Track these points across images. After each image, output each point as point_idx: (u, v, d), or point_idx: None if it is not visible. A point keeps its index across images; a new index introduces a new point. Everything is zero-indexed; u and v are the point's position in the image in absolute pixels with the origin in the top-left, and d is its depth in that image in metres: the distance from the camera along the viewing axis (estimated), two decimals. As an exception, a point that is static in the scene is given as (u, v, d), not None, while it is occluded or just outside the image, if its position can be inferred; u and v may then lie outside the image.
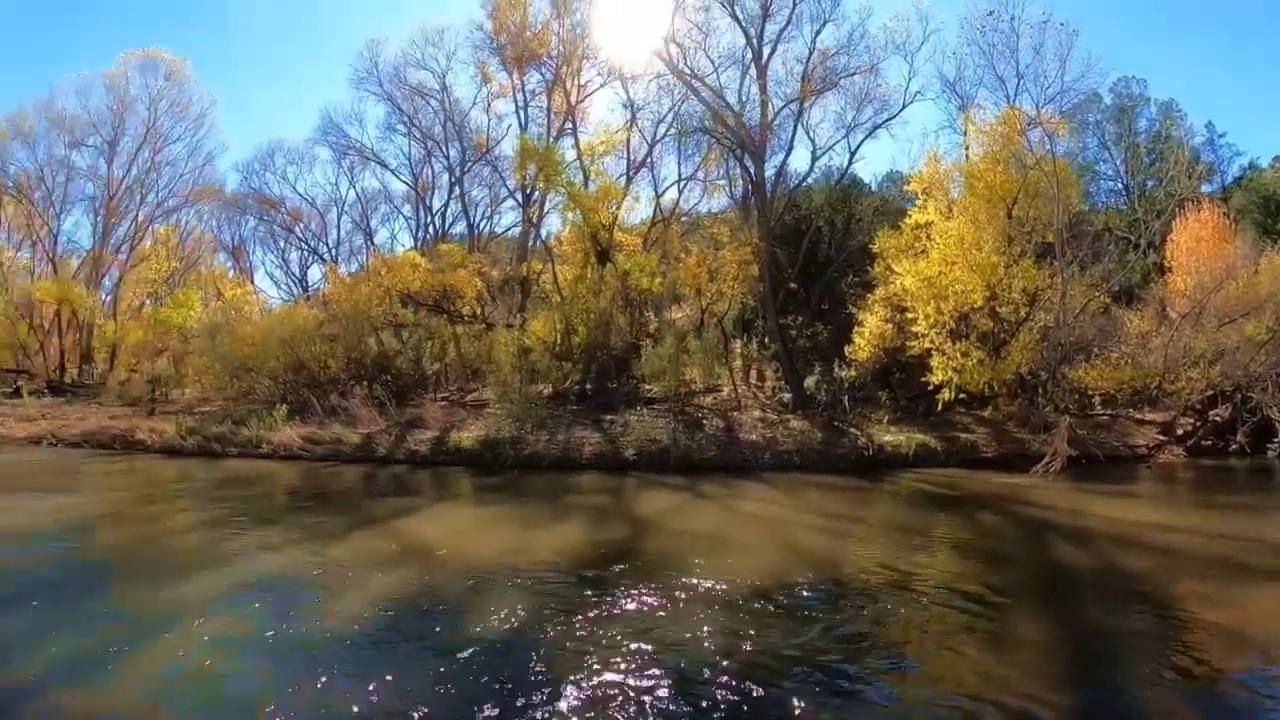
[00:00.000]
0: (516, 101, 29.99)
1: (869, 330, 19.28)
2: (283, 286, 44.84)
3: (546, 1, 28.04)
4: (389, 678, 5.42)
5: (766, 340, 22.48)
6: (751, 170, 23.69)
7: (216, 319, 28.23)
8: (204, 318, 29.73)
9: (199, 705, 5.25)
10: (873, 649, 6.16)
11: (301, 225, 42.61)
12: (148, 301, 37.80)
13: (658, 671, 5.53)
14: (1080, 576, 8.54)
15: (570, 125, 28.55)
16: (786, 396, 20.70)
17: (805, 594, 7.50)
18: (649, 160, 28.19)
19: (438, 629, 6.59)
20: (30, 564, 9.21)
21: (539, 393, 21.23)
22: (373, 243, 41.72)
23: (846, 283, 22.97)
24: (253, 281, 41.98)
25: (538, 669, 5.60)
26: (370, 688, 5.25)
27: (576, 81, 29.14)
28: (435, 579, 8.15)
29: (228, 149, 53.69)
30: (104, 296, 37.76)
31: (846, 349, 19.60)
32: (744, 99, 24.09)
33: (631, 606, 7.08)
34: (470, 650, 5.97)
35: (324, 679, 5.42)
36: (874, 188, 29.23)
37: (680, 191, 28.96)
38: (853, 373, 19.39)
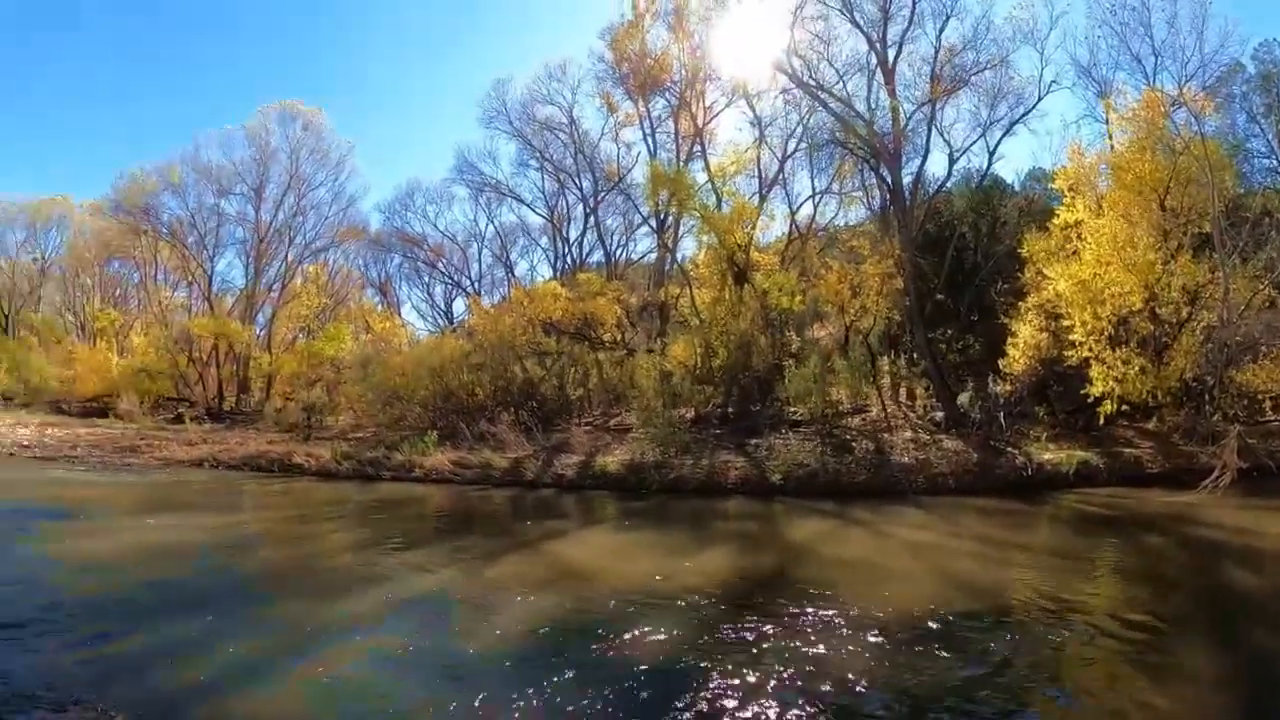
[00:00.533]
0: (643, 129, 31.13)
1: (1023, 341, 19.02)
2: (429, 319, 48.28)
3: (665, 27, 28.85)
4: (541, 699, 5.71)
5: (915, 356, 22.20)
6: (888, 179, 23.58)
7: (368, 351, 31.20)
8: (355, 350, 32.78)
9: (360, 718, 5.78)
10: (1032, 680, 6.17)
11: (444, 260, 45.86)
12: (300, 335, 41.89)
13: (811, 702, 5.64)
14: (1253, 603, 8.39)
15: (699, 148, 29.45)
16: (939, 415, 20.52)
17: (962, 623, 7.44)
18: (781, 176, 28.87)
19: (589, 652, 6.78)
20: (199, 577, 10.02)
21: (681, 416, 21.87)
22: (513, 274, 44.25)
23: (996, 291, 22.49)
24: (400, 315, 45.55)
25: (687, 697, 5.76)
26: (522, 708, 5.58)
27: (701, 104, 30.00)
28: (585, 602, 8.46)
29: (369, 191, 58.82)
30: (259, 331, 42.20)
31: (1000, 362, 19.34)
32: (873, 106, 24.21)
33: (782, 635, 7.12)
34: (620, 675, 6.20)
35: (479, 698, 5.78)
36: (1017, 188, 28.53)
37: (815, 206, 29.39)
38: (1007, 387, 19.08)
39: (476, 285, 45.24)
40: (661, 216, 30.01)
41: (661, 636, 7.12)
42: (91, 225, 49.91)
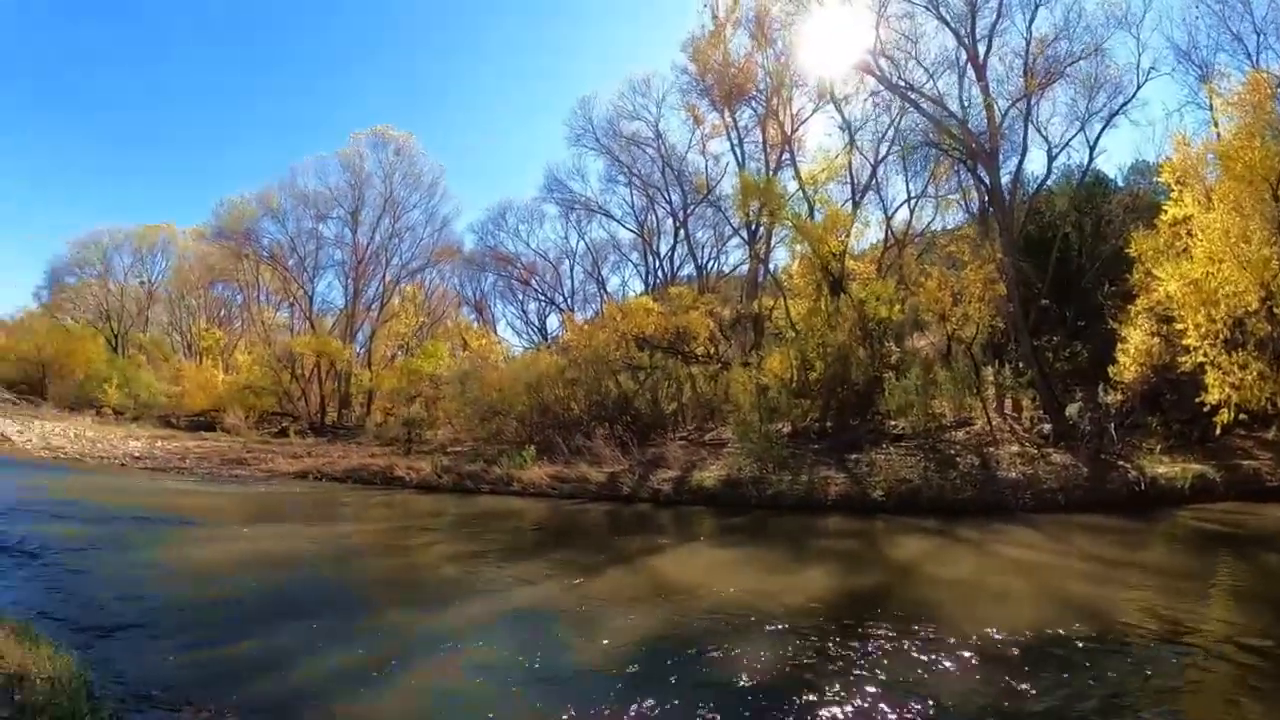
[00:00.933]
0: (731, 139, 31.48)
1: (1133, 347, 18.42)
2: (523, 335, 50.11)
3: (746, 35, 29.06)
4: (643, 716, 5.88)
5: (1020, 366, 21.58)
6: (986, 180, 23.19)
7: (465, 367, 32.34)
8: (453, 366, 34.13)
9: (465, 726, 6.06)
10: (1145, 707, 6.11)
11: (537, 278, 47.62)
12: (399, 352, 44.14)
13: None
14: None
15: (788, 156, 29.55)
16: (1046, 428, 20.01)
17: (1072, 646, 7.37)
18: (874, 182, 28.94)
19: (690, 669, 6.96)
20: (306, 585, 10.60)
21: (778, 431, 22.03)
22: (605, 290, 45.91)
23: (1103, 294, 21.82)
24: (495, 332, 47.13)
25: (790, 719, 5.87)
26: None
27: (788, 111, 30.12)
28: (685, 618, 8.62)
29: (461, 213, 61.68)
30: (359, 348, 44.70)
31: (1110, 370, 18.76)
32: (966, 104, 24.00)
33: (885, 657, 7.16)
34: (722, 693, 6.36)
35: (583, 712, 5.97)
36: (1121, 183, 27.66)
37: (911, 211, 29.35)
38: (1118, 396, 18.61)
39: (569, 301, 46.94)
40: (753, 227, 30.24)
41: (763, 655, 7.22)
42: (195, 250, 54.49)
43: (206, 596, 9.67)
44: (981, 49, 22.87)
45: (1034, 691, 6.33)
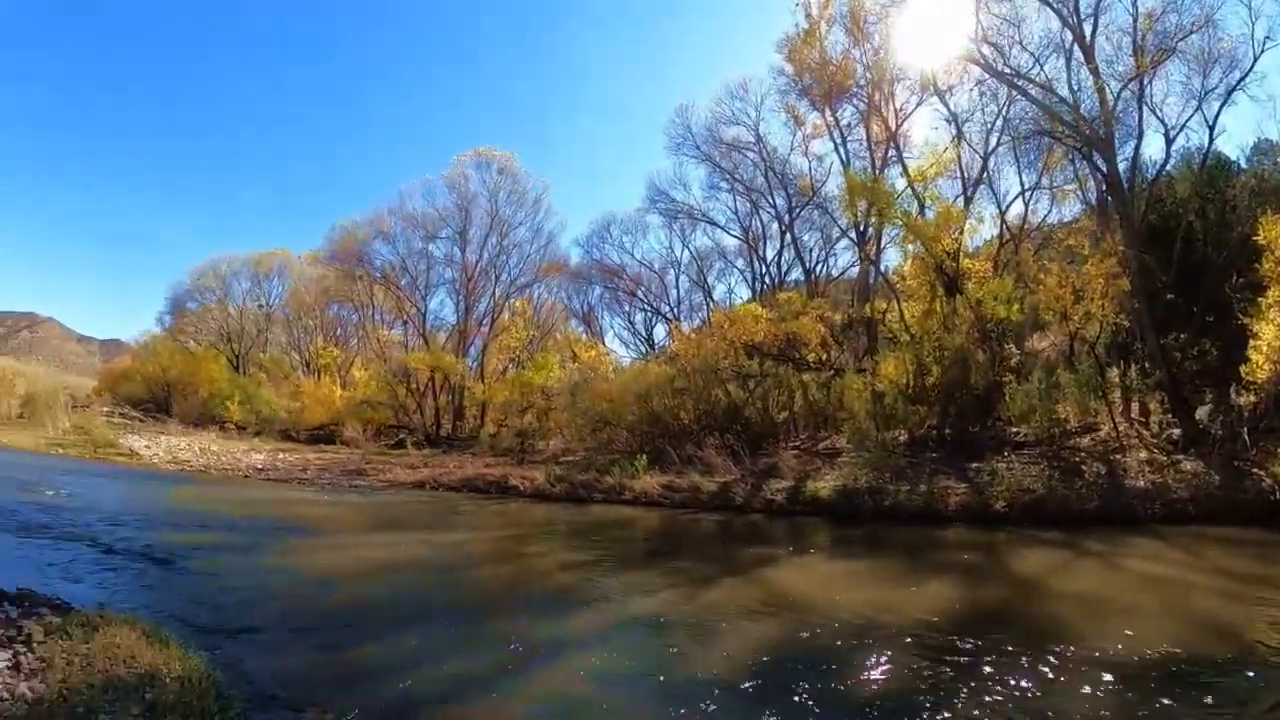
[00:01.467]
0: (834, 139, 31.46)
1: (1265, 343, 17.50)
2: (631, 346, 51.84)
3: (842, 31, 28.93)
4: None
5: (1147, 366, 20.92)
6: (1102, 167, 22.60)
7: (575, 378, 33.62)
8: (563, 378, 35.58)
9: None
10: None
11: (643, 288, 49.43)
12: (510, 365, 46.19)
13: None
14: None
15: (894, 152, 29.51)
16: (1175, 432, 19.32)
17: (1204, 666, 7.27)
18: (985, 175, 28.69)
19: (811, 682, 6.97)
20: (426, 592, 11.10)
21: (894, 439, 22.00)
22: (711, 298, 46.85)
23: (1230, 286, 20.77)
24: (603, 343, 48.62)
25: None
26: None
27: (891, 106, 29.96)
28: (803, 631, 8.61)
29: (566, 227, 63.83)
30: (471, 362, 47.18)
31: (1241, 369, 17.81)
32: (1075, 89, 23.32)
33: (1009, 674, 7.11)
34: (842, 708, 6.51)
35: None
36: (1243, 164, 26.25)
37: (1026, 204, 29.26)
38: (1251, 398, 17.78)
39: (676, 311, 48.11)
40: (861, 228, 30.27)
41: (882, 670, 7.35)
42: (310, 273, 58.99)
43: (330, 601, 10.21)
44: (1087, 29, 22.42)
45: (1164, 713, 6.32)
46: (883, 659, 7.63)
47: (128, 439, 35.55)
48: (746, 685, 6.96)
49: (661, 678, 7.27)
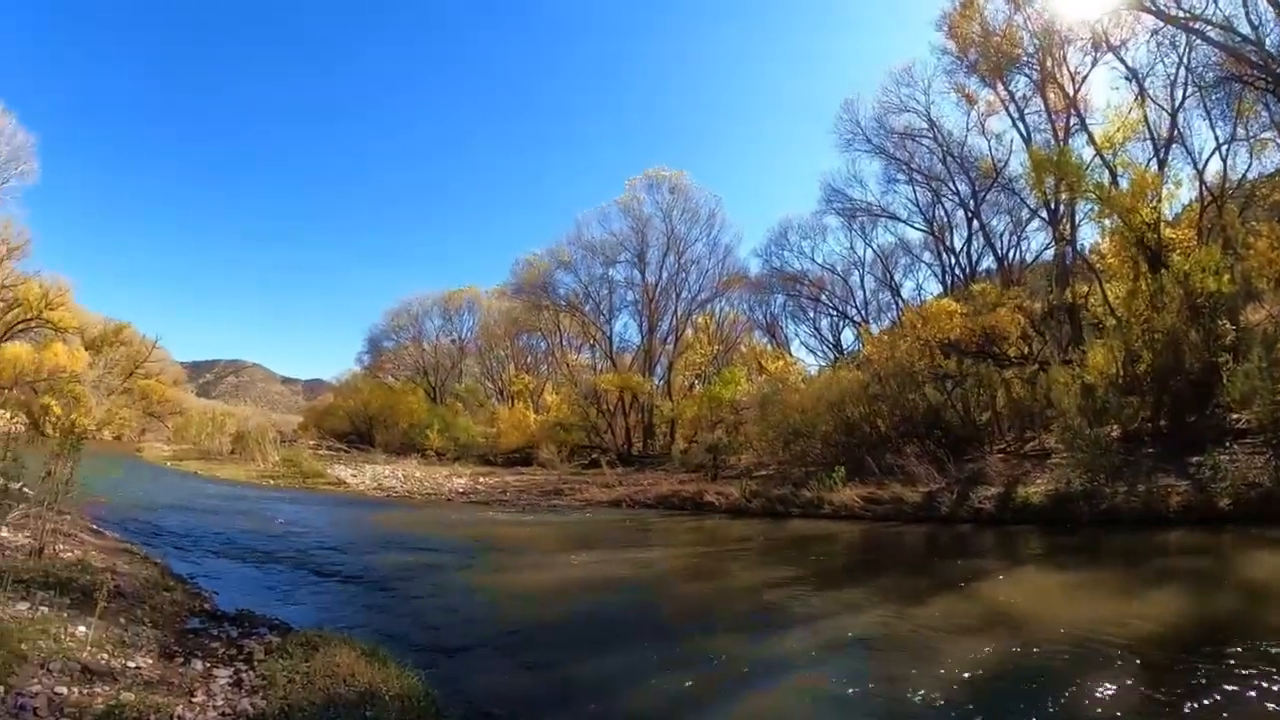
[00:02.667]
0: (1010, 113, 31.10)
1: None
2: (818, 353, 52.65)
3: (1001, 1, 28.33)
4: None
5: None
6: None
7: (764, 390, 34.25)
8: (751, 390, 36.54)
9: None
10: None
11: (826, 293, 49.77)
12: (696, 381, 48.29)
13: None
14: None
15: (1076, 120, 28.74)
16: None
17: None
18: (1175, 133, 27.18)
19: (1035, 704, 6.84)
20: (630, 610, 11.30)
21: (1107, 435, 21.04)
22: (900, 297, 46.70)
23: None
24: (790, 353, 49.27)
25: None
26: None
27: (1065, 70, 29.07)
28: (1024, 649, 8.38)
29: (742, 239, 64.97)
30: (658, 381, 49.15)
31: None
32: (1257, 23, 22.19)
33: (1253, 695, 6.65)
34: None
35: None
36: None
37: (1224, 160, 27.46)
38: None
39: (863, 313, 48.34)
40: (1052, 206, 29.65)
41: (1109, 691, 6.99)
42: (498, 307, 64.27)
43: (537, 620, 10.44)
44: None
45: None
46: (1108, 679, 7.28)
47: (335, 469, 38.62)
48: (967, 707, 6.82)
49: (878, 699, 7.23)
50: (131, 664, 6.19)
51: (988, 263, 39.78)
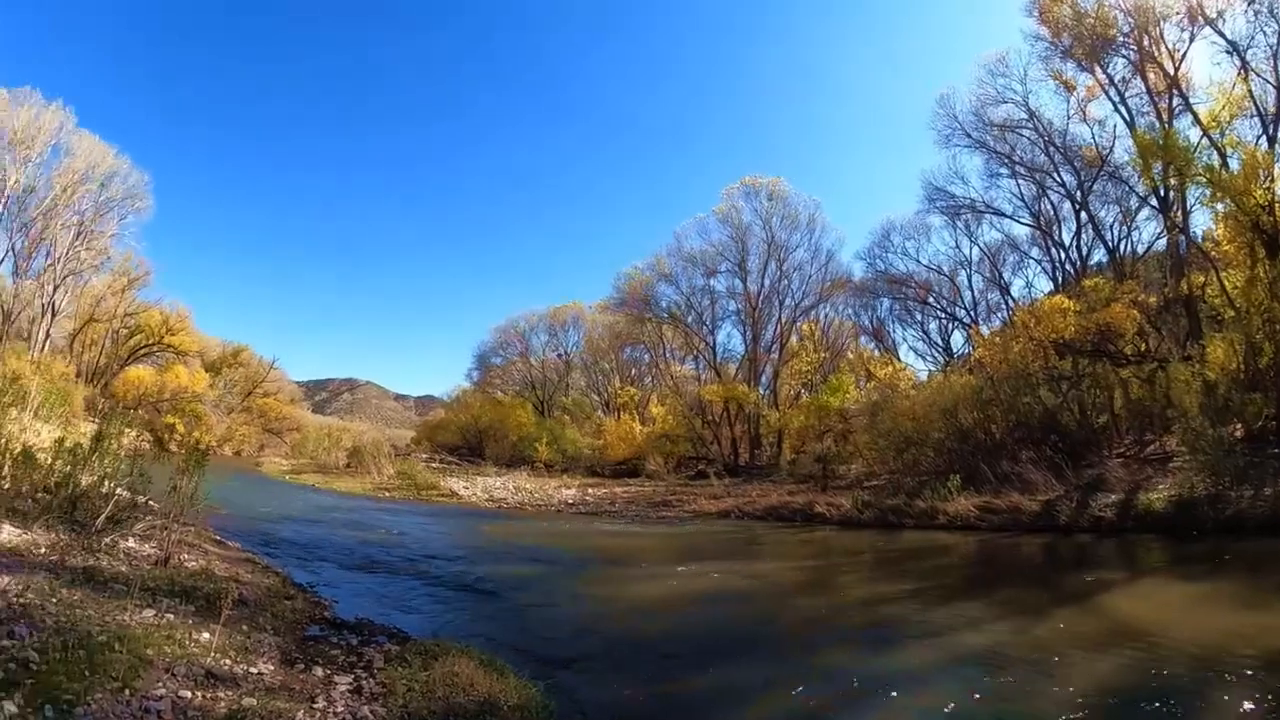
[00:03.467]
0: (1110, 97, 30.64)
1: None
2: (927, 357, 52.30)
3: None
4: None
5: None
6: None
7: (873, 398, 34.40)
8: (859, 398, 36.64)
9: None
10: None
11: (933, 294, 49.40)
12: (803, 390, 48.75)
13: None
14: None
15: (1180, 100, 28.14)
16: None
17: None
18: (1284, 104, 26.14)
19: None
20: (742, 623, 11.31)
21: (1230, 434, 20.49)
22: (1009, 295, 46.10)
23: None
24: (898, 358, 48.99)
25: None
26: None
27: (1163, 48, 28.45)
28: (1150, 666, 8.24)
29: (844, 242, 65.03)
30: (763, 390, 49.58)
31: None
32: None
33: None
34: None
35: None
36: None
37: (1337, 129, 26.05)
38: None
39: (972, 314, 47.77)
40: (1161, 193, 29.04)
41: (1246, 712, 6.84)
42: (602, 321, 66.89)
43: (649, 632, 10.59)
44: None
45: None
46: (1240, 698, 7.13)
47: (447, 481, 40.00)
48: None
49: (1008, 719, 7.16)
50: (254, 670, 6.51)
51: (1098, 256, 39.08)
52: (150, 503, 12.16)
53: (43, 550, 8.54)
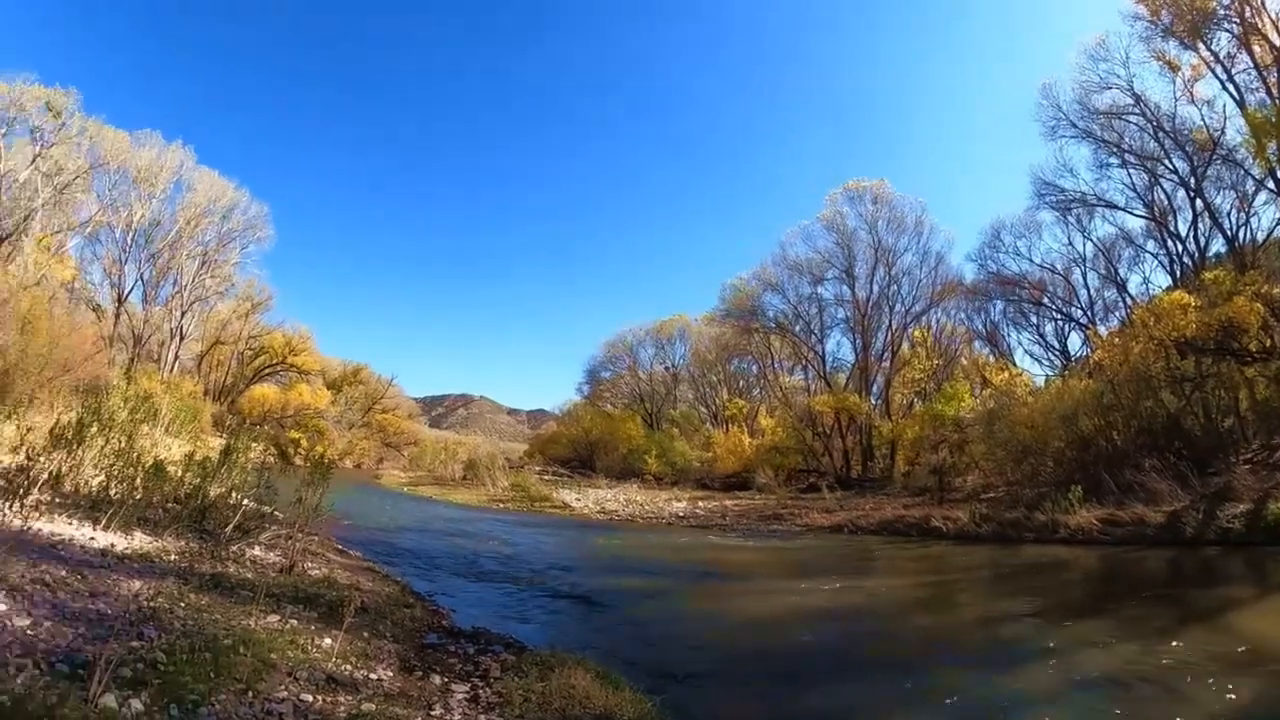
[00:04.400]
0: (1217, 76, 29.59)
1: None
2: (1044, 361, 50.74)
3: None
4: None
5: None
6: None
7: (990, 406, 33.40)
8: (975, 406, 35.78)
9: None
10: None
11: (1048, 295, 47.90)
12: (916, 399, 48.00)
13: None
14: None
15: (1292, 73, 26.94)
16: None
17: None
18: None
19: None
20: (858, 640, 11.31)
21: None
22: (1126, 292, 44.58)
23: None
24: (1014, 363, 47.50)
25: None
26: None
27: (1265, 18, 27.36)
28: None
29: (954, 244, 64.33)
30: (875, 400, 49.48)
31: None
32: None
33: None
34: None
35: None
36: None
37: None
38: None
39: (1089, 313, 46.31)
40: (1278, 173, 28.01)
41: None
42: (708, 333, 68.27)
43: (763, 648, 10.65)
44: None
45: None
46: None
47: (559, 493, 41.25)
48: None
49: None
50: (373, 675, 6.75)
51: (1217, 245, 37.13)
52: (275, 513, 12.95)
53: (173, 557, 9.18)
